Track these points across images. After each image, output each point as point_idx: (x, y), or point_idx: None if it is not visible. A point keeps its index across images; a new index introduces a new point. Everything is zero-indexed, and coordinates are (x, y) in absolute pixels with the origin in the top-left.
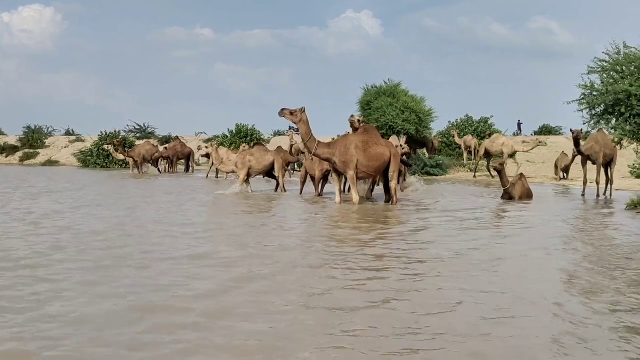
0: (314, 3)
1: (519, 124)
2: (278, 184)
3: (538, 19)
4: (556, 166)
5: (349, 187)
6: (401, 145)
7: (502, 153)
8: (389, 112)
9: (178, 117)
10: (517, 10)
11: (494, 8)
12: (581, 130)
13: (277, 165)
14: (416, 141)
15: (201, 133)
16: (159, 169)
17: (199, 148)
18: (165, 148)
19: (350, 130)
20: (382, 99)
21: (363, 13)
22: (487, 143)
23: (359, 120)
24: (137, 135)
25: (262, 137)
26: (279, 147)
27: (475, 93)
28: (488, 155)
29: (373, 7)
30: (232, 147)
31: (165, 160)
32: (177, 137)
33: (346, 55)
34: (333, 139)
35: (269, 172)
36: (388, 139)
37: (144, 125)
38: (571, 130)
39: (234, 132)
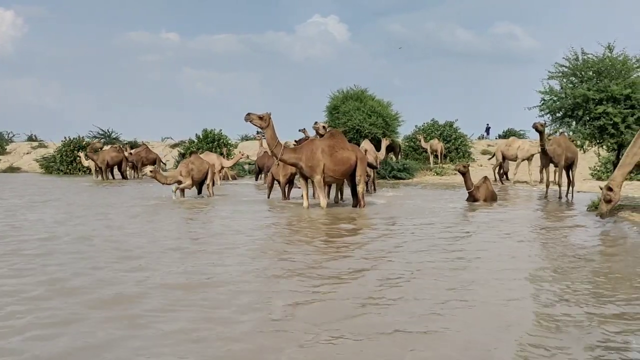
0: (280, 8)
1: (487, 128)
2: (207, 188)
3: (501, 24)
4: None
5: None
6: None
7: (518, 157)
8: (356, 117)
9: (144, 122)
10: (481, 16)
11: (459, 14)
12: (544, 122)
13: (210, 174)
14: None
15: (167, 138)
16: (124, 175)
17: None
18: (130, 153)
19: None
20: (349, 104)
21: (330, 18)
22: (502, 147)
23: (324, 127)
24: (102, 140)
25: (229, 142)
26: (265, 152)
27: (441, 97)
28: (503, 159)
29: (340, 13)
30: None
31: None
32: (143, 143)
33: (313, 60)
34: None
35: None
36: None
37: (108, 131)
38: (533, 125)
39: (201, 137)
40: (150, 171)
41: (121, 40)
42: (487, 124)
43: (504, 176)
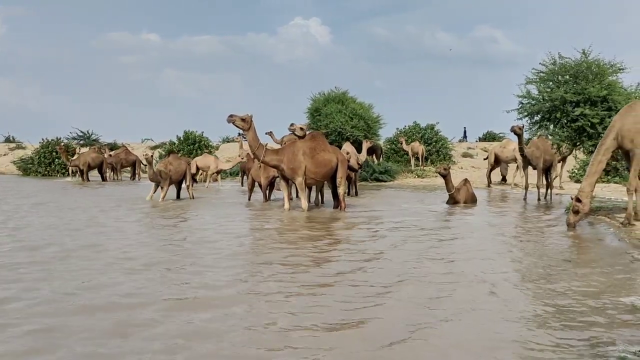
0: (262, 10)
1: (464, 131)
2: (187, 189)
3: (482, 28)
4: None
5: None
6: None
7: (515, 159)
8: (337, 119)
9: (124, 123)
10: (462, 19)
11: (440, 17)
12: (522, 125)
13: (188, 174)
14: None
15: (148, 140)
16: (103, 177)
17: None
18: (110, 155)
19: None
20: (330, 106)
21: (312, 20)
22: (497, 149)
23: (301, 128)
24: (81, 142)
25: (210, 143)
26: (248, 155)
27: (423, 100)
28: (497, 161)
29: (322, 15)
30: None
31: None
32: (123, 145)
33: (295, 62)
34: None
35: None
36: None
37: (88, 132)
38: (511, 128)
39: (182, 138)
40: (152, 156)
41: (101, 40)
42: (464, 127)
43: (503, 179)
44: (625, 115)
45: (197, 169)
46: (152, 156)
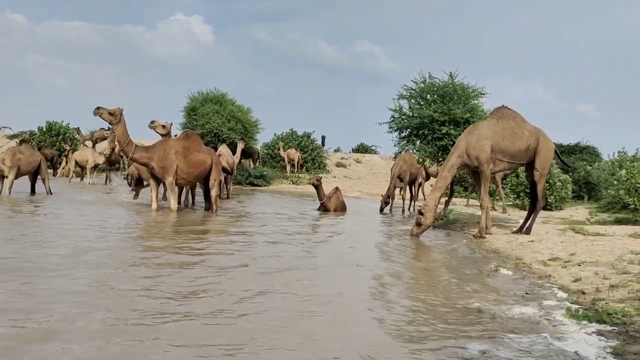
0: (140, 1)
1: (323, 139)
2: (44, 183)
3: (362, 43)
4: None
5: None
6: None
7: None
8: (214, 120)
9: None
10: (343, 32)
11: (323, 28)
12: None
13: (43, 166)
14: (242, 152)
15: (5, 128)
16: None
17: None
18: None
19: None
20: (208, 106)
21: (194, 17)
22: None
23: (163, 126)
24: None
25: (75, 136)
26: (113, 150)
27: (301, 108)
28: (428, 176)
29: (204, 13)
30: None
31: None
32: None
33: (175, 59)
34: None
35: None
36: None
37: None
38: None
39: (44, 129)
40: None
41: None
42: (323, 135)
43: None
44: (469, 135)
45: (76, 163)
46: None
